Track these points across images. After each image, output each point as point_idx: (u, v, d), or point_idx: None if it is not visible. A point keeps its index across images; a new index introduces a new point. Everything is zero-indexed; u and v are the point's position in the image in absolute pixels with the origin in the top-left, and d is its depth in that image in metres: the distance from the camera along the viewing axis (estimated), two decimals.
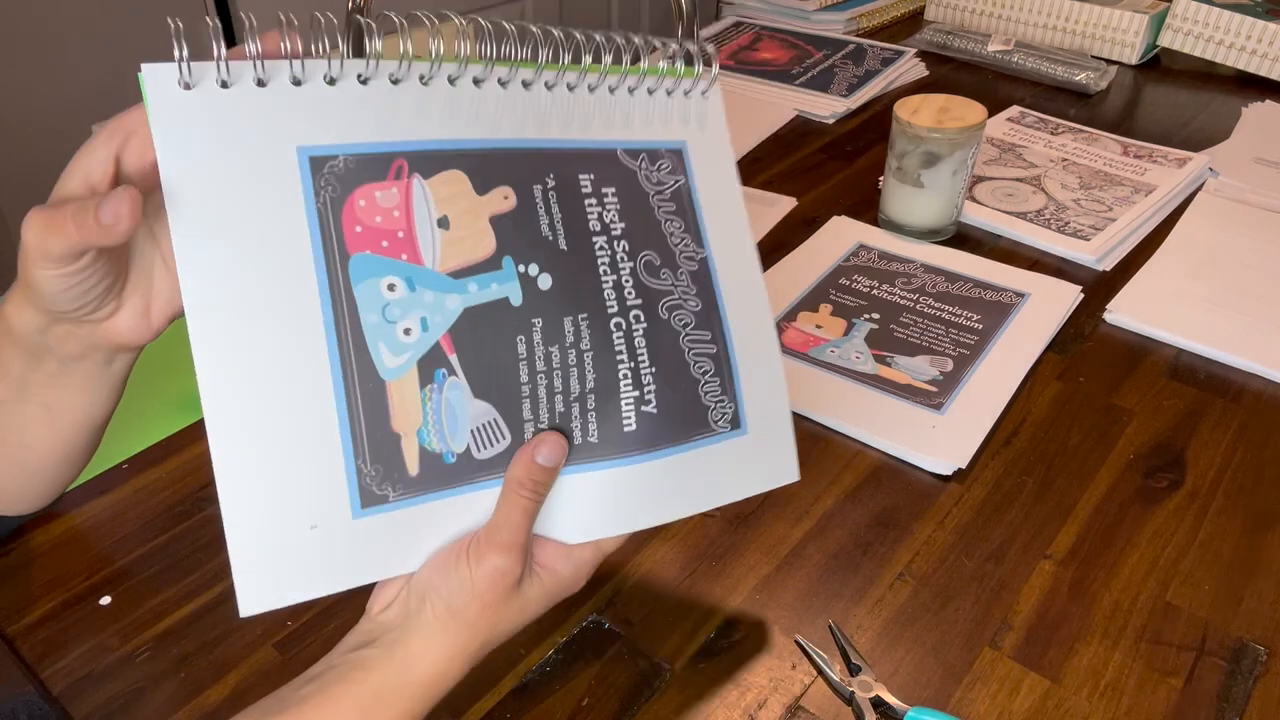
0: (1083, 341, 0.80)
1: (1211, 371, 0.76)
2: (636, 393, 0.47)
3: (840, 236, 0.92)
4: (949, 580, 0.59)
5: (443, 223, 0.43)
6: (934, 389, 0.73)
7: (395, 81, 0.43)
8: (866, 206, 0.97)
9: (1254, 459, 0.68)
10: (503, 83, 0.45)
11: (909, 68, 1.29)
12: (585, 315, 0.46)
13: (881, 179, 0.94)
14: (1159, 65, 1.34)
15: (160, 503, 0.64)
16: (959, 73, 1.32)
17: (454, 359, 0.44)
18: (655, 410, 0.47)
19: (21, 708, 0.62)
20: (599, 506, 0.47)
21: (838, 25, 1.42)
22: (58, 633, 0.55)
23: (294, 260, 0.40)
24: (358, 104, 0.42)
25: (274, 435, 0.40)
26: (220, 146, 0.40)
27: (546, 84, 0.47)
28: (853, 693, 0.52)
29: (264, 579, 0.41)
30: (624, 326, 0.47)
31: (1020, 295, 0.83)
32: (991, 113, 1.12)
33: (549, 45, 0.46)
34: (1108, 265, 0.89)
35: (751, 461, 0.51)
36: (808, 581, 0.59)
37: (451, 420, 0.44)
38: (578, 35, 0.47)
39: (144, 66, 0.39)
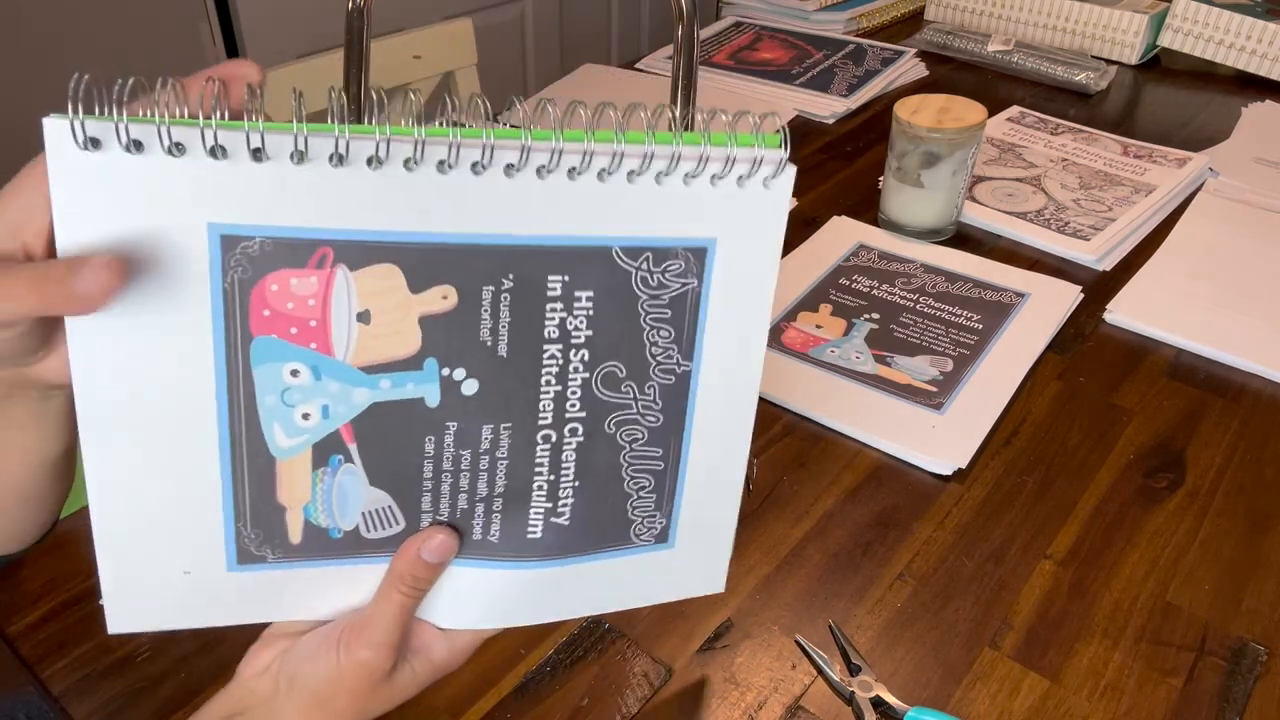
0: (1083, 341, 0.80)
1: (1211, 371, 0.76)
2: (549, 504, 0.45)
3: (840, 236, 0.92)
4: (949, 580, 0.59)
5: (363, 317, 0.40)
6: (934, 389, 0.73)
7: (337, 163, 0.37)
8: (866, 206, 0.97)
9: (1254, 459, 0.68)
10: (478, 168, 0.38)
11: (909, 68, 1.29)
12: (509, 425, 0.43)
13: (881, 179, 0.94)
14: (1159, 65, 1.34)
15: None
16: (959, 73, 1.32)
17: (353, 448, 0.43)
18: (566, 522, 0.45)
19: (21, 708, 0.62)
20: (488, 600, 0.46)
21: (838, 25, 1.42)
22: (58, 633, 0.55)
23: (192, 337, 0.39)
24: (286, 184, 0.37)
25: (156, 489, 0.41)
26: (124, 216, 0.36)
27: (539, 169, 0.38)
28: (853, 693, 0.52)
29: (131, 606, 0.44)
30: (553, 439, 0.44)
31: (1020, 295, 0.83)
32: (991, 113, 1.12)
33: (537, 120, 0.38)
34: (1108, 265, 0.89)
35: (670, 573, 0.49)
36: (808, 581, 0.59)
37: (342, 502, 0.44)
38: (583, 111, 0.38)
39: (45, 120, 0.35)
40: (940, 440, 0.68)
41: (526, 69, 2.41)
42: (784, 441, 0.69)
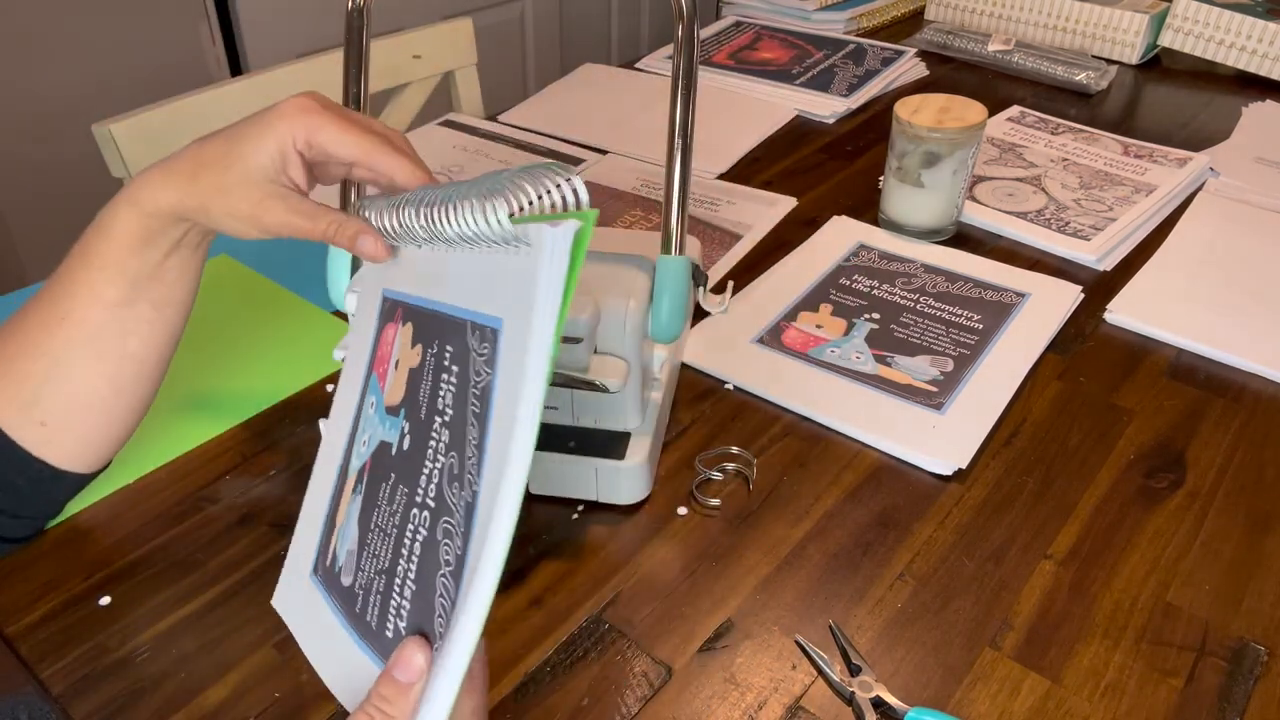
0: (1083, 341, 0.80)
1: (1211, 371, 0.76)
2: (396, 600, 0.40)
3: (840, 236, 0.92)
4: (949, 580, 0.59)
5: (397, 365, 0.46)
6: (934, 389, 0.73)
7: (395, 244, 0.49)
8: (866, 206, 0.97)
9: (1254, 459, 0.68)
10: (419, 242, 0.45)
11: (909, 68, 1.29)
12: (406, 490, 0.41)
13: (881, 179, 0.94)
14: (1159, 65, 1.34)
15: (160, 503, 0.63)
16: (959, 73, 1.32)
17: (365, 479, 0.46)
18: (405, 631, 0.39)
19: (21, 707, 0.62)
20: (352, 686, 0.43)
21: (838, 25, 1.42)
22: (58, 633, 0.55)
23: (357, 368, 0.51)
24: (392, 264, 0.49)
25: (317, 489, 0.50)
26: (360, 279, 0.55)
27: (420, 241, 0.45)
28: (853, 693, 0.52)
29: (284, 590, 0.51)
30: (415, 521, 0.40)
31: (1020, 295, 0.83)
32: (991, 113, 1.13)
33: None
34: (1108, 265, 0.89)
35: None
36: (808, 581, 0.59)
37: (344, 533, 0.46)
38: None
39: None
40: (940, 440, 0.68)
41: (526, 69, 2.41)
42: (784, 441, 0.69)
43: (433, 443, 0.41)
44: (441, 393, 0.41)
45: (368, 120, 0.52)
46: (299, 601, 0.49)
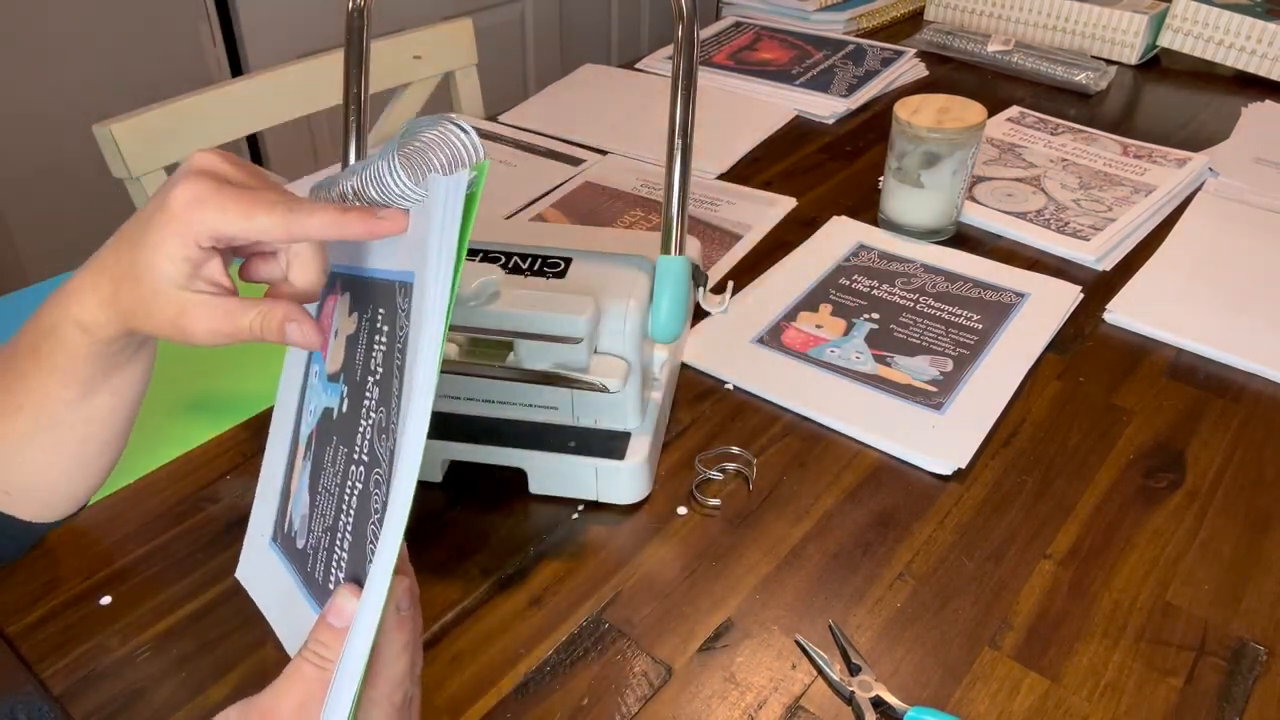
0: (1082, 341, 0.80)
1: (1211, 371, 0.76)
2: (338, 554, 0.42)
3: (840, 236, 0.92)
4: (949, 580, 0.59)
5: (336, 334, 0.47)
6: (934, 389, 0.73)
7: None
8: (866, 206, 0.97)
9: (1254, 459, 0.68)
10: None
11: (909, 68, 1.29)
12: (345, 450, 0.43)
13: (881, 179, 0.94)
14: (1159, 65, 1.35)
15: (160, 503, 0.64)
16: (959, 73, 1.32)
17: (314, 446, 0.47)
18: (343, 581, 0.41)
19: (21, 707, 0.62)
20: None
21: (838, 25, 1.42)
22: (58, 633, 0.55)
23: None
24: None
25: (273, 461, 0.51)
26: None
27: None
28: (853, 692, 0.52)
29: (244, 560, 0.52)
30: (352, 477, 0.42)
31: (1020, 295, 0.83)
32: (991, 113, 1.13)
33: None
34: (1107, 265, 0.89)
35: None
36: (808, 581, 0.59)
37: (297, 500, 0.47)
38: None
39: None
40: (940, 440, 0.68)
41: (526, 69, 2.41)
42: (784, 441, 0.69)
43: (366, 401, 0.42)
44: (374, 353, 0.42)
45: (267, 183, 0.45)
46: (261, 570, 0.49)
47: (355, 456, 0.42)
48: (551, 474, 0.63)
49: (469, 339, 0.63)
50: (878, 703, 0.51)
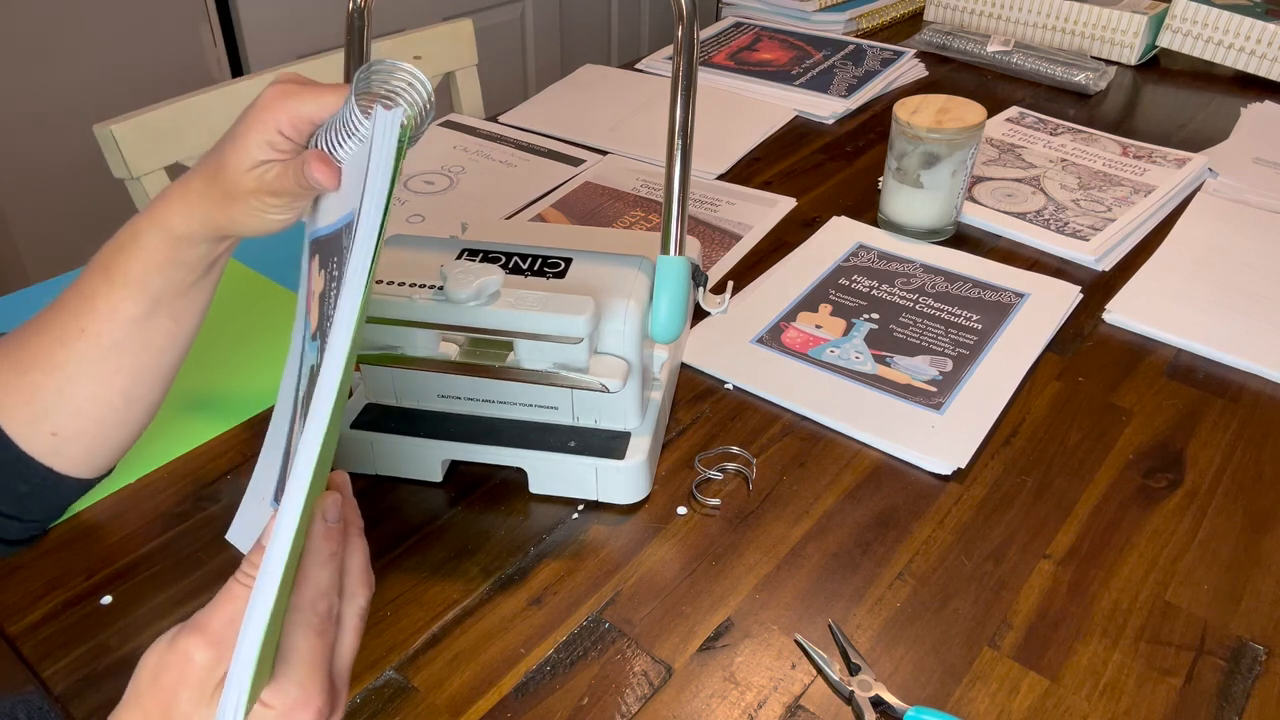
0: (1082, 341, 0.80)
1: (1211, 371, 0.77)
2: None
3: (840, 237, 0.92)
4: (949, 580, 0.59)
5: (311, 295, 0.48)
6: (933, 389, 0.73)
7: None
8: (866, 207, 0.97)
9: (1253, 459, 0.68)
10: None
11: (909, 68, 1.29)
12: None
13: (881, 179, 0.95)
14: (1158, 66, 1.35)
15: (160, 503, 0.64)
16: (958, 73, 1.32)
17: (306, 405, 0.47)
18: None
19: (21, 707, 0.62)
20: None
21: (837, 26, 1.42)
22: (58, 633, 0.55)
23: (300, 308, 0.51)
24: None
25: (278, 424, 0.52)
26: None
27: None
28: (852, 692, 0.52)
29: (238, 523, 0.53)
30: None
31: (1020, 295, 0.84)
32: (991, 113, 1.13)
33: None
34: (1107, 265, 0.89)
35: None
36: (808, 581, 0.59)
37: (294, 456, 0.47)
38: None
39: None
40: (940, 440, 0.68)
41: (526, 69, 2.41)
42: (784, 441, 0.69)
43: (328, 345, 0.43)
44: (336, 300, 0.43)
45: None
46: (257, 531, 0.48)
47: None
48: (551, 474, 0.63)
49: (469, 339, 0.63)
50: (877, 702, 0.51)
